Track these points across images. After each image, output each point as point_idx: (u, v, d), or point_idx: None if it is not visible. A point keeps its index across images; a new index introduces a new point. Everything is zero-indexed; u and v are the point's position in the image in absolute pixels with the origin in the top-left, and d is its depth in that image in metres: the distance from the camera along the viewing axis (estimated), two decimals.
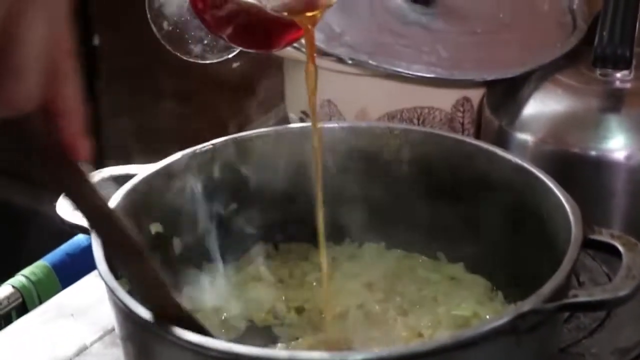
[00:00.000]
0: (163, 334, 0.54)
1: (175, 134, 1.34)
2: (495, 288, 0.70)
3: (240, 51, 0.94)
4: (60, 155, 0.46)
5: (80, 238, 0.84)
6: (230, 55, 0.70)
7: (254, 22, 0.57)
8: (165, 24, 0.68)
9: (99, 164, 1.48)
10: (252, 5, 0.55)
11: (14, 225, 1.47)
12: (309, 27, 0.55)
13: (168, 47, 0.69)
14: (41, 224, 1.46)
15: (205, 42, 0.69)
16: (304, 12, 0.56)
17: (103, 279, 0.58)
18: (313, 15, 0.55)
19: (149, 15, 0.69)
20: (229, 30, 0.60)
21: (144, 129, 1.39)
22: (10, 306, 0.78)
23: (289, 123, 0.98)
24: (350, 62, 0.88)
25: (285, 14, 0.55)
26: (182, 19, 0.69)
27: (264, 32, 0.59)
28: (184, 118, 1.30)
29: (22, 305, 0.78)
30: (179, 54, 0.70)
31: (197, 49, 0.70)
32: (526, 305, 0.55)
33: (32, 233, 1.46)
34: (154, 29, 0.69)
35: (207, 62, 0.72)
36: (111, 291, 0.57)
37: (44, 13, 0.42)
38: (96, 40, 1.36)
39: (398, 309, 0.67)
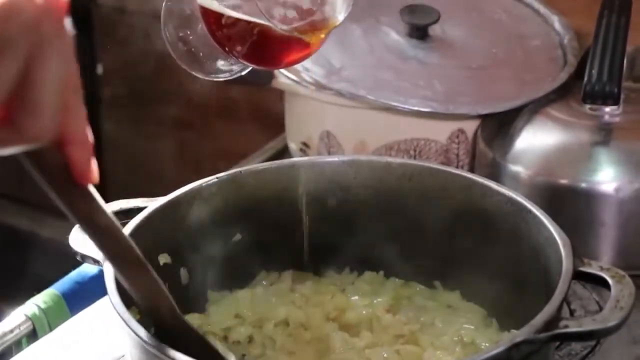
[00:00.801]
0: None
1: (176, 161, 1.37)
2: (490, 316, 0.72)
3: (243, 82, 0.97)
4: (70, 180, 0.50)
5: (88, 267, 0.86)
6: (243, 73, 0.71)
7: (264, 41, 0.60)
8: (180, 44, 0.70)
9: (102, 189, 1.51)
10: (263, 25, 0.58)
11: (17, 249, 1.49)
12: (316, 45, 0.59)
13: (184, 67, 0.70)
14: (43, 247, 1.49)
15: (220, 60, 0.71)
16: (311, 31, 0.59)
17: (116, 310, 0.61)
18: (320, 34, 0.59)
19: (164, 35, 0.70)
20: (241, 49, 0.62)
21: (146, 156, 1.42)
22: (22, 333, 0.80)
23: (289, 152, 1.01)
24: (349, 96, 0.91)
25: (296, 33, 0.58)
26: (197, 38, 0.70)
27: (274, 50, 0.62)
28: (184, 146, 1.33)
29: (32, 332, 0.81)
30: (194, 73, 0.71)
31: (211, 67, 0.71)
32: (520, 335, 0.58)
33: (35, 256, 1.48)
34: (169, 48, 0.70)
35: (222, 79, 0.74)
36: (124, 321, 0.60)
37: (57, 55, 0.46)
38: (99, 69, 1.39)
39: (398, 335, 0.70)
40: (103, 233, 0.54)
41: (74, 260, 0.88)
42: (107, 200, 0.70)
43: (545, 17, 1.00)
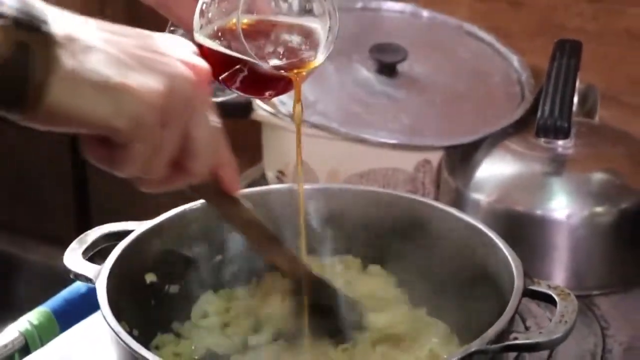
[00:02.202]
0: None
1: (159, 193, 1.42)
2: (452, 331, 0.78)
3: (223, 115, 1.03)
4: (222, 192, 0.66)
5: (77, 285, 0.92)
6: (237, 94, 0.78)
7: (252, 75, 0.67)
8: None
9: (86, 213, 1.56)
10: (254, 64, 0.65)
11: (2, 273, 1.53)
12: (298, 80, 0.67)
13: None
14: (29, 271, 1.53)
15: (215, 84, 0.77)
16: (296, 69, 0.67)
17: (108, 323, 0.67)
18: (300, 72, 0.67)
19: None
20: (231, 81, 0.68)
21: (130, 188, 1.46)
22: (15, 348, 0.85)
23: (266, 181, 1.07)
24: (322, 128, 0.96)
25: (281, 71, 0.66)
26: None
27: (261, 83, 0.69)
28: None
29: (25, 347, 0.86)
30: None
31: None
32: (473, 346, 0.64)
33: (20, 280, 1.53)
34: None
35: (218, 100, 0.80)
36: (115, 334, 0.66)
37: (206, 115, 0.59)
38: None
39: (368, 344, 0.76)
40: (246, 225, 0.71)
41: (58, 283, 0.93)
42: (90, 223, 0.76)
43: (505, 56, 1.06)
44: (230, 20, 0.65)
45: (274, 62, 0.66)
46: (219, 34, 0.65)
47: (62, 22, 0.52)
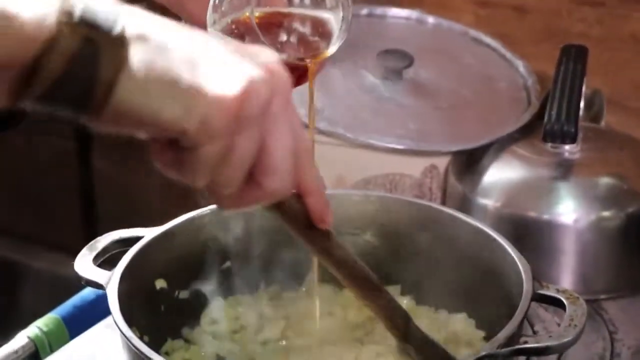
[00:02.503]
0: None
1: (164, 195, 1.43)
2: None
3: None
4: (310, 223, 0.60)
5: (86, 292, 0.92)
6: None
7: None
8: None
9: (92, 221, 1.57)
10: None
11: (9, 281, 1.54)
12: (313, 68, 0.68)
13: None
14: (35, 279, 1.53)
15: None
16: (308, 59, 0.68)
17: (119, 328, 0.67)
18: (315, 61, 0.68)
19: None
20: None
21: (134, 191, 1.47)
22: (25, 354, 0.86)
23: None
24: (329, 134, 0.97)
25: (296, 61, 0.66)
26: None
27: None
28: (172, 185, 1.39)
29: (34, 354, 0.86)
30: None
31: None
32: (483, 350, 0.64)
33: (27, 288, 1.53)
34: None
35: None
36: (127, 339, 0.66)
37: (285, 127, 0.54)
38: None
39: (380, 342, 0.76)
40: (340, 263, 0.64)
41: (64, 290, 0.94)
42: (96, 231, 0.76)
43: (510, 61, 1.07)
44: (243, 14, 0.66)
45: (289, 52, 0.67)
46: (233, 26, 0.66)
47: (135, 19, 0.50)
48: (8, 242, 1.61)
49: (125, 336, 0.66)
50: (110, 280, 0.72)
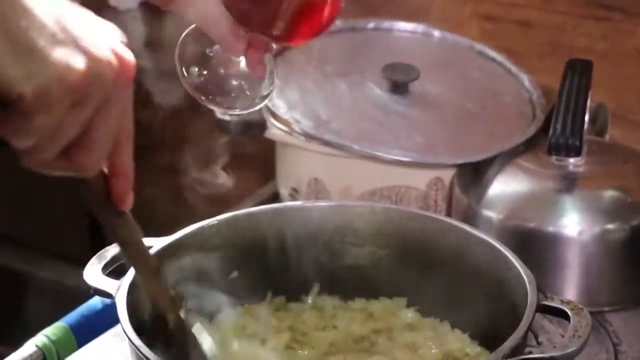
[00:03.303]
0: None
1: (171, 210, 1.43)
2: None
3: (239, 134, 1.05)
4: (110, 205, 0.61)
5: (94, 301, 0.93)
6: (256, 108, 0.75)
7: (298, 11, 0.66)
8: (195, 76, 0.74)
9: (98, 232, 1.56)
10: None
11: (14, 290, 1.54)
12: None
13: (198, 99, 0.74)
14: (40, 288, 1.54)
15: (233, 94, 0.74)
16: None
17: (128, 337, 0.68)
18: None
19: (178, 68, 0.74)
20: (279, 24, 0.67)
21: (140, 202, 1.48)
22: None
23: (279, 199, 1.09)
24: (336, 146, 0.98)
25: None
26: (211, 71, 0.74)
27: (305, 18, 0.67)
28: (178, 193, 1.40)
29: None
30: (208, 105, 0.75)
31: (226, 100, 0.75)
32: None
33: (32, 297, 1.53)
34: (183, 83, 0.74)
35: (236, 113, 0.79)
36: (135, 347, 0.67)
37: (119, 108, 0.54)
38: None
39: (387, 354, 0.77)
40: (125, 243, 0.67)
41: (69, 300, 0.94)
42: (102, 241, 0.77)
43: (516, 75, 1.08)
44: None
45: None
46: None
47: None
48: (13, 252, 1.61)
49: (134, 345, 0.67)
50: (119, 289, 0.73)
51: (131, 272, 0.74)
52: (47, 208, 1.63)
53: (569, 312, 0.70)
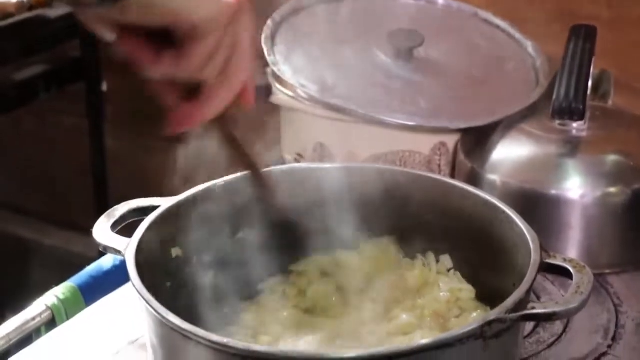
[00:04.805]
0: (190, 335, 0.65)
1: (175, 173, 1.44)
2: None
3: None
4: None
5: (101, 262, 0.94)
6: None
7: None
8: None
9: (104, 199, 1.58)
10: None
11: (21, 258, 1.55)
12: None
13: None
14: (46, 256, 1.56)
15: None
16: None
17: (137, 290, 0.69)
18: None
19: None
20: None
21: (147, 169, 1.49)
22: (42, 321, 0.87)
23: (285, 163, 1.09)
24: (341, 110, 0.99)
25: None
26: None
27: None
28: (185, 161, 1.40)
29: (51, 321, 0.88)
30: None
31: None
32: (492, 314, 0.66)
33: (37, 265, 1.55)
34: None
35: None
36: (146, 302, 0.68)
37: (250, 33, 0.67)
38: (104, 87, 1.47)
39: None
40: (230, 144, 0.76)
41: (76, 267, 0.96)
42: (108, 209, 0.78)
43: (520, 42, 1.08)
44: None
45: None
46: None
47: None
48: (20, 220, 1.62)
49: (144, 298, 0.68)
50: (129, 246, 0.74)
51: (141, 230, 0.76)
52: (52, 177, 1.64)
53: (572, 270, 0.71)
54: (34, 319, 0.87)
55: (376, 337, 0.74)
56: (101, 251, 0.78)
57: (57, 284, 0.93)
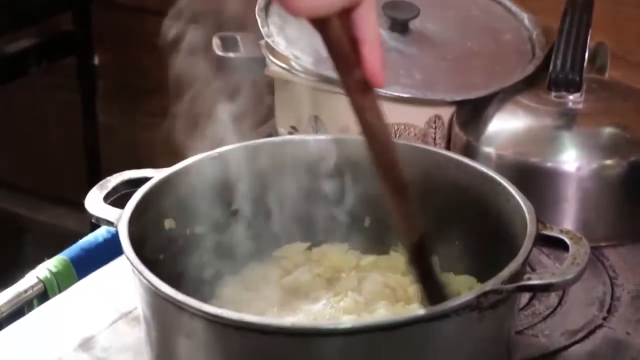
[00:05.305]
0: (183, 305, 0.64)
1: (169, 149, 1.43)
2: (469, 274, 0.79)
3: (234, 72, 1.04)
4: (360, 79, 0.60)
5: (94, 235, 0.93)
6: None
7: None
8: None
9: (96, 175, 1.58)
10: None
11: (14, 234, 1.55)
12: None
13: None
14: (40, 232, 1.55)
15: None
16: None
17: (131, 261, 0.68)
18: None
19: None
20: None
21: (139, 145, 1.48)
22: (34, 294, 0.87)
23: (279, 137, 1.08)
24: (336, 82, 0.97)
25: None
26: None
27: None
28: (177, 134, 1.40)
29: (43, 294, 0.88)
30: None
31: None
32: (488, 285, 0.65)
33: (31, 241, 1.54)
34: None
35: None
36: (139, 272, 0.67)
37: None
38: (96, 60, 1.45)
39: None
40: (373, 134, 0.63)
41: (69, 243, 0.95)
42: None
43: (516, 14, 1.07)
44: None
45: None
46: None
47: None
48: (12, 196, 1.62)
49: (137, 269, 0.67)
50: (121, 216, 0.73)
51: (133, 201, 0.75)
52: (44, 152, 1.63)
53: (568, 241, 0.71)
54: (25, 291, 0.87)
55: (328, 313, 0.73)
56: (93, 223, 0.77)
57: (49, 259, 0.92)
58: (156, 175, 0.79)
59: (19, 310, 0.86)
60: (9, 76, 1.45)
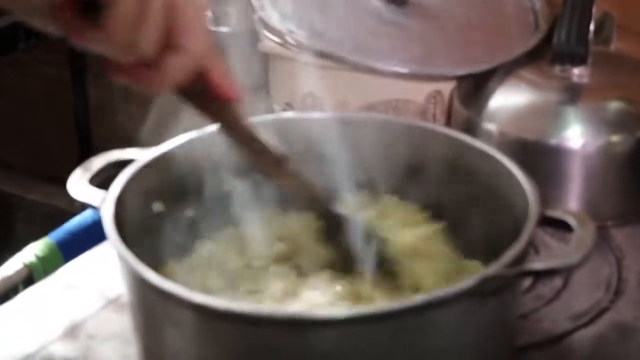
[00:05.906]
0: (169, 294, 0.61)
1: (158, 125, 1.41)
2: (464, 258, 0.76)
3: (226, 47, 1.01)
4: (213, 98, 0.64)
5: (81, 218, 0.91)
6: None
7: None
8: None
9: (87, 153, 1.56)
10: None
11: (2, 213, 1.52)
12: None
13: None
14: (28, 210, 1.52)
15: None
16: None
17: (115, 247, 0.65)
18: None
19: None
20: None
21: (131, 121, 1.45)
22: (19, 279, 0.84)
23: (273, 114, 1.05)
24: (331, 57, 0.94)
25: None
26: None
27: None
28: (168, 110, 1.37)
29: (29, 278, 0.85)
30: None
31: None
32: (490, 270, 0.62)
33: (20, 219, 1.52)
34: None
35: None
36: (123, 258, 0.64)
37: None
38: None
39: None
40: (243, 138, 0.68)
41: (59, 222, 0.93)
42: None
43: None
44: None
45: None
46: None
47: None
48: (2, 174, 1.59)
49: (121, 255, 0.64)
50: (106, 199, 0.70)
51: (118, 183, 0.72)
52: (36, 131, 1.60)
53: (573, 223, 0.68)
54: (10, 277, 0.84)
55: (325, 301, 0.70)
56: (84, 205, 0.74)
57: (41, 238, 0.90)
58: (143, 155, 0.76)
59: (4, 295, 0.83)
60: None
